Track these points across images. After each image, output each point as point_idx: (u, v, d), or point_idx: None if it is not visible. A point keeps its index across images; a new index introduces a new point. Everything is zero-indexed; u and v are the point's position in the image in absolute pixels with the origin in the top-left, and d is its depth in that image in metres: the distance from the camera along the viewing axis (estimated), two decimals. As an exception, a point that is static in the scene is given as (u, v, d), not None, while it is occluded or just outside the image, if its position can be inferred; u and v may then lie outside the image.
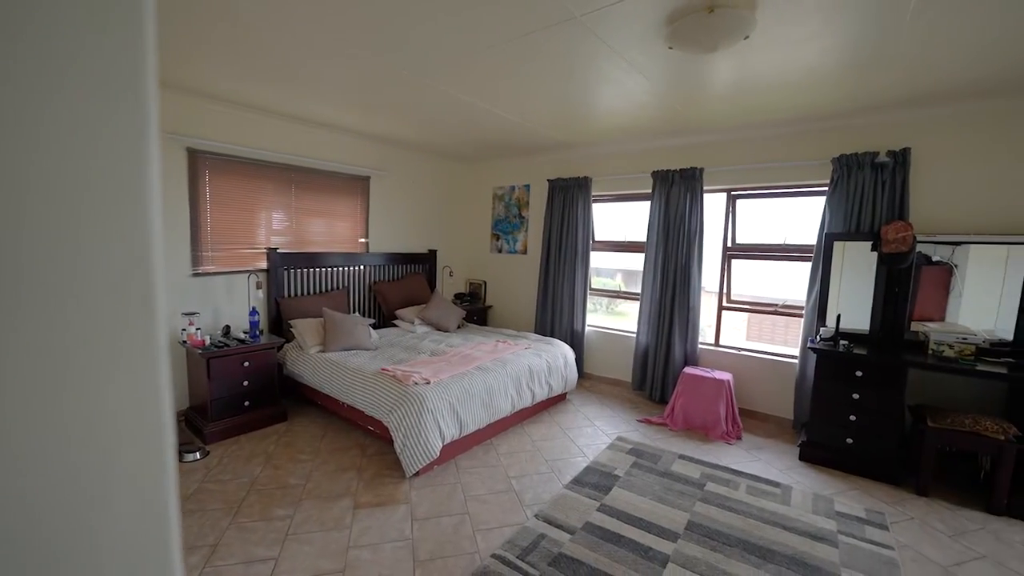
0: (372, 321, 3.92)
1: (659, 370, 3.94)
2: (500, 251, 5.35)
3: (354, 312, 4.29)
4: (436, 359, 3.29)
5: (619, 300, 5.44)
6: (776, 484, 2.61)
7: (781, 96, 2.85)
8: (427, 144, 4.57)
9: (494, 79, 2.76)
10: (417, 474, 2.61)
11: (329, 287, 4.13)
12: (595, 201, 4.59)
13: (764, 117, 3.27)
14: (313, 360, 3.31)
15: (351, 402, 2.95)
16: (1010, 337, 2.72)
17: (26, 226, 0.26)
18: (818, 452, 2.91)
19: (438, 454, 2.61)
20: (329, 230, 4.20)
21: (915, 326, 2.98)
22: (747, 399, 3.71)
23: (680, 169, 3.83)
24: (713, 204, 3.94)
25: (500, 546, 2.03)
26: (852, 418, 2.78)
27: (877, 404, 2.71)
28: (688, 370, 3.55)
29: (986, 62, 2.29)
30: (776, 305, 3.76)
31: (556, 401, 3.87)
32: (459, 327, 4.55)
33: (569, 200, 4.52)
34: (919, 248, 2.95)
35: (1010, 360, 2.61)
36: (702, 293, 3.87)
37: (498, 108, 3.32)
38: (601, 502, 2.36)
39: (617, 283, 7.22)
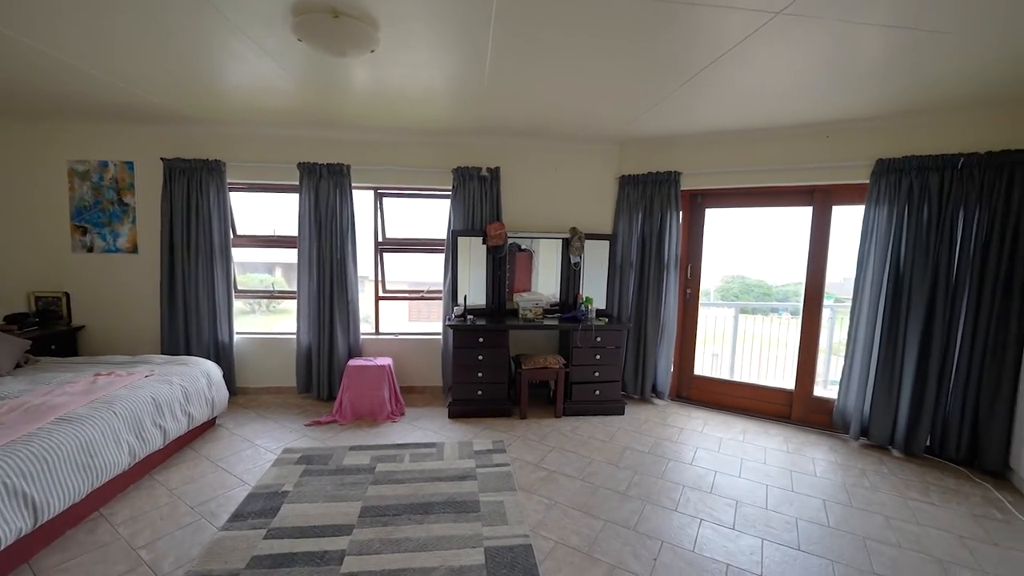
0: None
1: (324, 368, 3.88)
2: (91, 249, 3.91)
3: None
4: (-31, 424, 2.13)
5: (281, 299, 4.98)
6: (432, 445, 3.08)
7: (411, 108, 3.24)
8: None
9: (46, 10, 1.96)
10: (-55, 613, 1.67)
11: None
12: (233, 189, 3.98)
13: (401, 124, 3.64)
14: None
15: None
16: (558, 299, 4.12)
17: None
18: (461, 408, 3.61)
19: (-9, 566, 1.74)
20: None
21: (516, 297, 4.06)
22: (407, 377, 4.16)
23: (328, 164, 3.80)
24: (363, 200, 4.13)
25: (126, 643, 1.57)
26: (480, 375, 3.58)
27: (493, 361, 3.58)
28: (352, 362, 3.65)
29: (538, 114, 3.29)
30: (423, 291, 4.34)
31: (203, 430, 3.23)
32: (20, 364, 3.09)
33: (197, 186, 3.74)
34: (514, 241, 4.02)
35: (559, 315, 3.96)
36: (360, 285, 4.04)
37: (61, 52, 2.37)
38: (269, 527, 2.16)
39: (276, 279, 6.57)
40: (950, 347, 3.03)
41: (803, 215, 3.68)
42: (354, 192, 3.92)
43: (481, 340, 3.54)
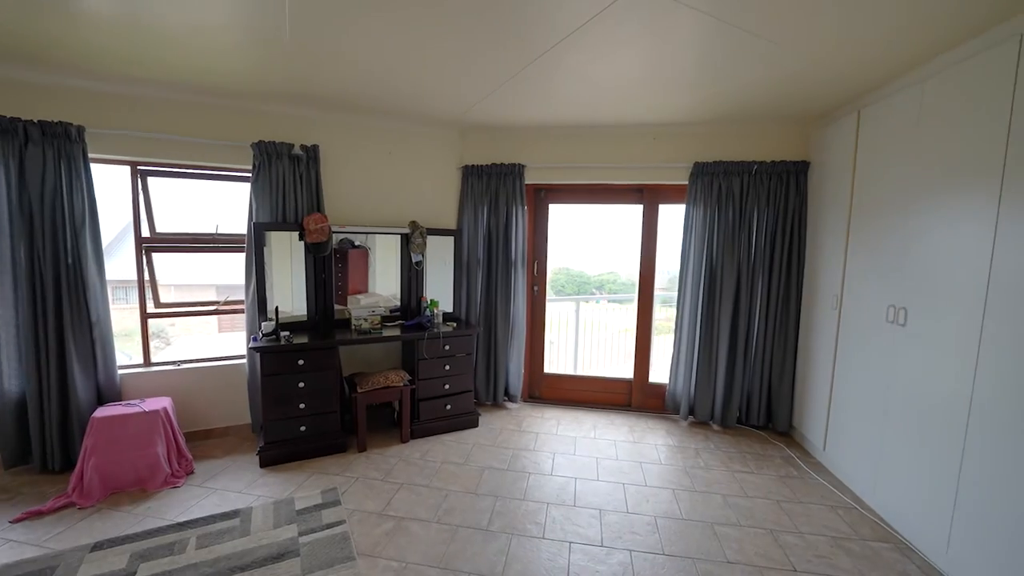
0: None
1: (53, 424, 2.63)
2: None
3: None
4: None
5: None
6: (235, 514, 2.27)
7: (180, 53, 2.33)
8: None
9: None
10: None
11: None
12: None
13: (174, 76, 2.65)
14: None
15: None
16: (399, 304, 3.58)
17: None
18: (277, 451, 2.82)
19: None
20: None
21: (350, 301, 3.37)
22: (198, 419, 3.13)
23: (41, 121, 2.56)
24: (113, 179, 2.95)
25: None
26: (301, 406, 2.84)
27: (319, 386, 2.88)
28: (101, 412, 2.54)
29: (363, 81, 2.68)
30: (219, 302, 3.32)
31: None
32: None
33: None
34: (345, 236, 3.33)
35: (402, 322, 3.43)
36: (112, 298, 2.88)
37: None
38: None
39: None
40: (751, 328, 3.48)
41: (633, 212, 3.86)
42: (95, 167, 2.74)
43: (301, 363, 2.80)
